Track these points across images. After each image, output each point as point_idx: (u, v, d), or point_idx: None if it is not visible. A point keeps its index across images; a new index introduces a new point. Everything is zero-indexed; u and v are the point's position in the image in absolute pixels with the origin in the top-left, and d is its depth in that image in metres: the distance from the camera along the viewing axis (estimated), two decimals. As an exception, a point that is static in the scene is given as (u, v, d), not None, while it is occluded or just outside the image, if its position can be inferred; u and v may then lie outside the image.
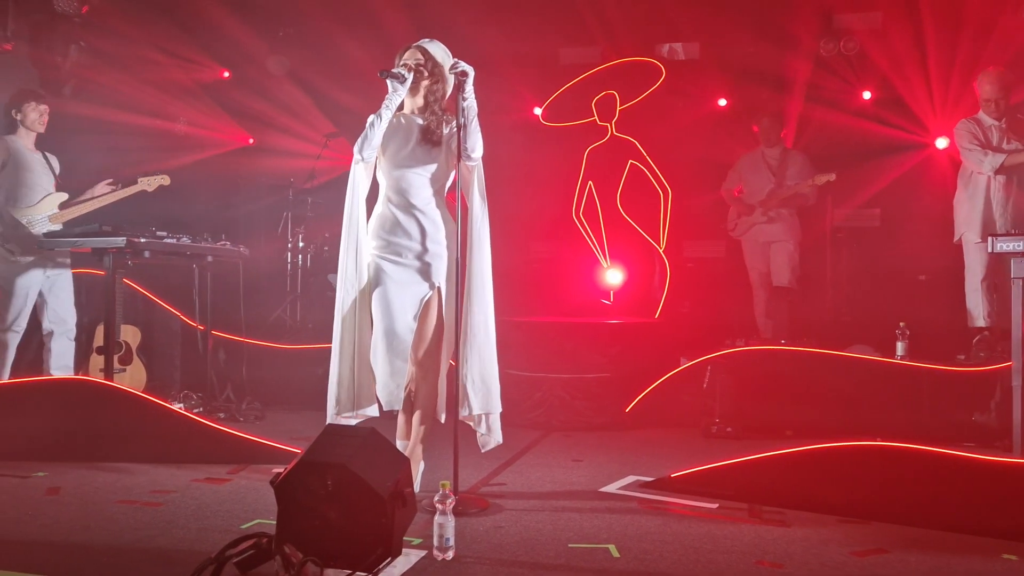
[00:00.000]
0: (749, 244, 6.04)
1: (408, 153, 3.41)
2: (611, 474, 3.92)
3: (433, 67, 3.42)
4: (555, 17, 6.52)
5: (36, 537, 2.87)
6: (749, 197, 6.02)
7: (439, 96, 3.46)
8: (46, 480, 3.67)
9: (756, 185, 5.98)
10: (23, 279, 4.87)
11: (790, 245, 5.88)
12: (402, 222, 3.40)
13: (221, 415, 5.13)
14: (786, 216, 5.90)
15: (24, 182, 4.91)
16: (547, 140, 6.81)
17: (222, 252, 5.23)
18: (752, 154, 6.09)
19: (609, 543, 2.88)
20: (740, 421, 4.82)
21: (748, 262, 6.07)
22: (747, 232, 6.02)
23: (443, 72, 3.43)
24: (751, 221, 5.97)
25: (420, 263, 3.40)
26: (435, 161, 3.43)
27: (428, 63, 3.41)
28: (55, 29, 5.93)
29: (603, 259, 6.52)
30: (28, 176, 4.92)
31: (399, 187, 3.41)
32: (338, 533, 2.52)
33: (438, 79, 3.44)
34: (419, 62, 3.40)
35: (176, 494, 3.46)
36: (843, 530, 3.08)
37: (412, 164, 3.41)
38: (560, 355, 5.34)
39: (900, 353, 4.84)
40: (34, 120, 4.95)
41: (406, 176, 3.41)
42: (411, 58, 3.41)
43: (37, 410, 4.07)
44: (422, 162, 3.41)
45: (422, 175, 3.42)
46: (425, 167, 3.42)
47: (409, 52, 3.43)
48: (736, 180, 6.14)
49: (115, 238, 4.54)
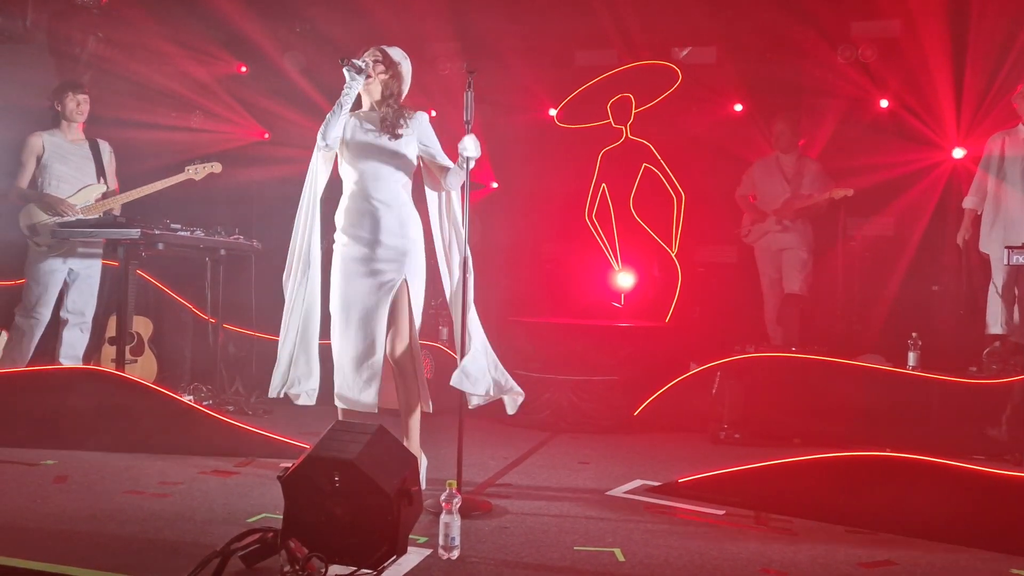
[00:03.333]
0: (762, 251, 6.02)
1: (370, 146, 3.48)
2: (618, 477, 3.91)
3: (389, 64, 3.53)
4: (572, 19, 6.50)
5: (43, 525, 2.88)
6: (762, 204, 5.99)
7: (395, 91, 3.54)
8: (55, 468, 3.69)
9: (770, 193, 5.94)
10: (44, 267, 4.89)
11: (803, 253, 5.85)
12: (366, 214, 3.46)
13: (230, 408, 5.16)
14: (799, 225, 5.87)
15: (57, 175, 4.94)
16: (562, 141, 6.80)
17: (235, 246, 5.25)
18: (766, 160, 6.05)
19: (615, 547, 2.88)
20: (748, 428, 4.80)
21: (760, 269, 6.05)
22: (760, 239, 5.99)
23: (399, 70, 3.55)
24: (764, 228, 5.94)
25: (386, 256, 3.44)
26: (398, 153, 3.49)
27: (386, 59, 3.52)
28: (73, 20, 5.95)
29: (615, 262, 6.51)
30: (62, 169, 4.96)
31: (363, 180, 3.48)
32: (344, 529, 2.52)
33: (394, 75, 3.54)
34: (376, 58, 3.51)
35: (183, 486, 3.47)
36: (850, 540, 3.06)
37: (375, 157, 3.48)
38: (569, 357, 5.33)
39: (911, 363, 4.81)
40: (72, 110, 4.99)
41: (370, 169, 3.47)
42: (369, 56, 3.52)
43: (48, 398, 4.10)
44: (385, 154, 3.48)
45: (386, 167, 3.48)
46: (388, 159, 3.48)
47: (368, 52, 3.54)
48: (750, 186, 6.10)
49: (129, 230, 4.57)
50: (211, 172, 5.22)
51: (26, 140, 4.93)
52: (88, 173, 5.06)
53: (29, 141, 4.93)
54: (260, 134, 7.32)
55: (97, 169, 5.08)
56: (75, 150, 5.04)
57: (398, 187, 3.49)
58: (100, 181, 5.07)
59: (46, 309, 4.96)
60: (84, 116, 5.06)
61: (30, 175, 4.92)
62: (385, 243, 3.44)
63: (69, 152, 5.01)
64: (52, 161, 4.94)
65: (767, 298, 6.00)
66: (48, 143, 4.96)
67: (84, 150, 5.07)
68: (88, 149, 5.08)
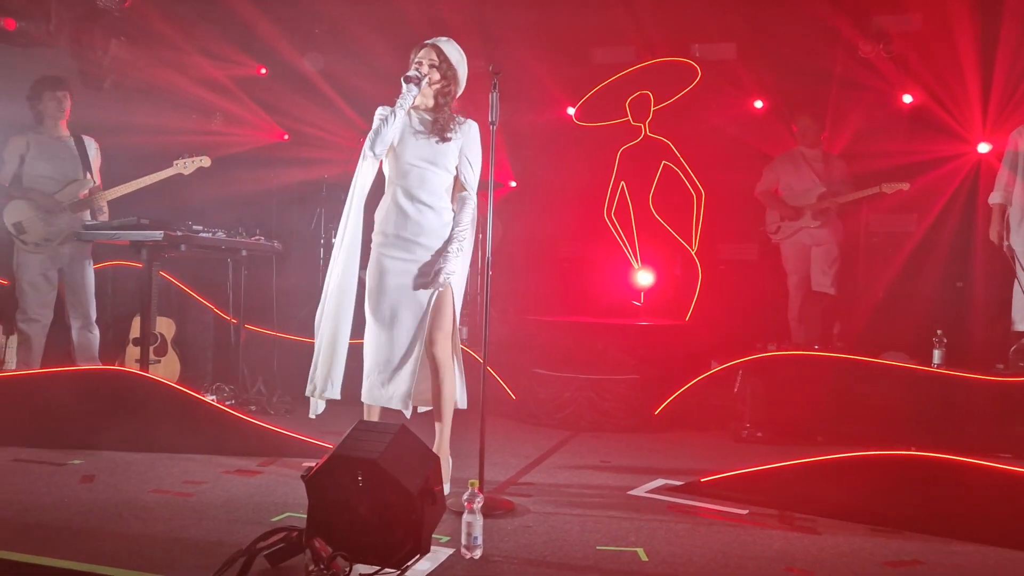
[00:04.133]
0: (792, 247, 5.87)
1: (420, 150, 3.44)
2: (639, 477, 3.90)
3: (447, 69, 3.45)
4: (589, 16, 6.50)
5: (71, 524, 2.92)
6: (792, 199, 5.85)
7: (450, 97, 3.48)
8: (81, 468, 3.73)
9: (799, 187, 5.81)
10: (31, 268, 4.89)
11: (834, 249, 5.75)
12: (411, 217, 3.42)
13: (252, 408, 5.19)
14: (832, 220, 5.76)
15: (42, 171, 4.91)
16: (580, 140, 6.79)
17: (256, 247, 5.28)
18: (790, 154, 5.94)
19: (637, 546, 2.87)
20: (771, 426, 4.77)
21: (788, 266, 5.91)
22: (792, 236, 5.86)
23: (456, 74, 3.47)
24: (798, 225, 5.81)
25: (429, 259, 3.42)
26: (445, 157, 3.45)
27: (443, 65, 3.44)
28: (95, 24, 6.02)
29: (634, 260, 6.49)
30: (46, 166, 4.92)
31: (409, 182, 3.44)
32: (368, 529, 2.53)
33: (451, 81, 3.47)
34: (433, 62, 3.43)
35: (207, 485, 3.50)
36: (875, 540, 3.04)
37: (423, 160, 3.43)
38: (589, 356, 5.32)
39: (936, 361, 4.75)
40: (53, 108, 4.94)
41: (417, 171, 3.43)
42: (425, 57, 3.44)
43: (74, 399, 4.13)
44: (433, 158, 3.44)
45: (433, 171, 3.44)
46: (436, 163, 3.44)
47: (424, 51, 3.45)
48: (773, 181, 5.97)
49: (152, 231, 4.60)
50: (200, 166, 5.13)
51: (8, 140, 4.91)
52: (73, 169, 5.00)
53: (11, 141, 4.90)
54: (279, 135, 7.37)
55: (83, 165, 5.03)
56: (59, 148, 5.00)
57: (441, 190, 3.48)
58: (86, 176, 5.03)
59: (45, 310, 4.95)
60: (64, 114, 4.99)
61: (12, 173, 4.89)
62: (428, 245, 3.42)
63: (54, 150, 4.98)
64: (36, 159, 4.91)
65: (793, 296, 5.89)
66: (32, 141, 4.92)
67: (69, 146, 5.02)
68: (73, 145, 5.03)
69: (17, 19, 5.45)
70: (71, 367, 4.62)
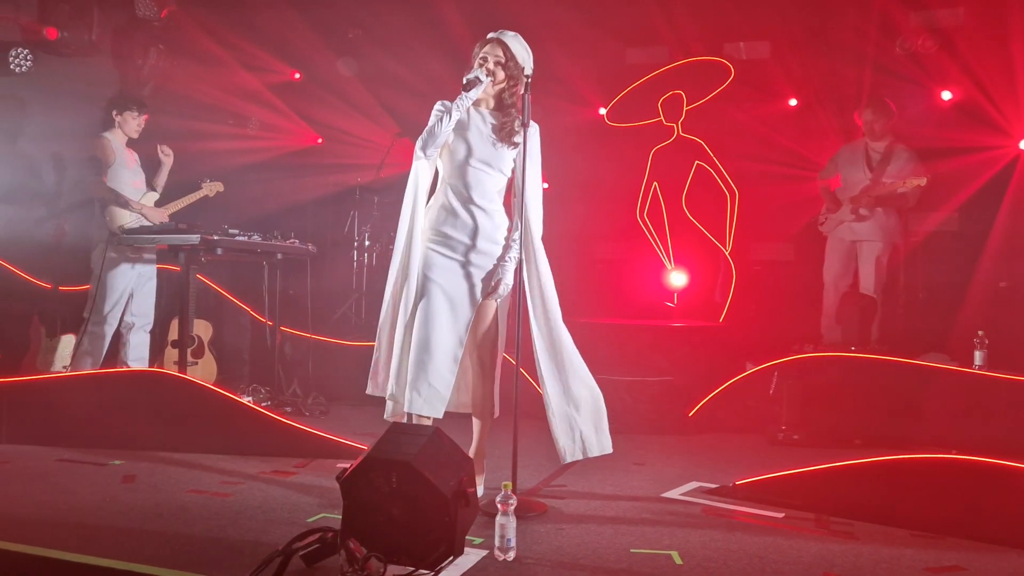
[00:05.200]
0: (833, 242, 5.74)
1: (478, 150, 3.33)
2: (674, 479, 3.88)
3: (514, 67, 3.32)
4: (622, 17, 6.47)
5: (113, 523, 2.97)
6: (842, 192, 5.72)
7: (515, 96, 3.35)
8: (122, 468, 3.81)
9: (850, 179, 5.66)
10: (119, 274, 5.06)
11: (878, 246, 5.55)
12: (462, 217, 3.33)
13: (288, 409, 5.25)
14: (880, 215, 5.54)
15: (126, 180, 5.13)
16: (612, 140, 6.76)
17: (291, 250, 5.35)
18: (853, 145, 5.77)
19: (672, 550, 2.85)
20: (807, 429, 4.70)
21: (827, 261, 5.77)
22: (835, 229, 5.72)
23: (522, 72, 3.32)
24: (839, 217, 5.66)
25: (477, 261, 3.34)
26: (503, 160, 3.36)
27: (509, 63, 3.31)
28: (136, 33, 6.15)
29: (667, 261, 6.45)
30: (127, 174, 5.15)
31: (464, 183, 3.33)
32: (402, 530, 2.54)
33: (517, 80, 3.34)
34: (499, 59, 3.30)
35: (244, 485, 3.55)
36: (915, 545, 2.98)
37: (481, 161, 3.33)
38: (623, 357, 5.30)
39: (978, 363, 4.65)
40: (132, 128, 5.17)
41: (472, 172, 3.33)
42: (491, 53, 3.31)
43: (115, 401, 4.22)
44: (491, 160, 3.33)
45: (489, 173, 3.35)
46: (493, 165, 3.34)
47: (489, 47, 3.32)
48: (833, 171, 5.83)
49: (190, 235, 4.68)
50: (218, 191, 5.45)
51: (97, 142, 5.09)
52: (141, 181, 5.24)
53: (101, 142, 5.09)
54: (314, 139, 7.45)
55: (148, 178, 5.27)
56: (130, 158, 5.23)
57: (494, 192, 3.39)
58: (154, 189, 5.26)
59: (119, 314, 5.14)
60: (137, 135, 5.22)
61: (108, 173, 5.07)
62: (481, 248, 3.33)
63: (128, 159, 5.20)
64: (120, 167, 5.12)
65: (827, 293, 5.74)
66: (115, 147, 5.12)
67: (135, 158, 5.27)
68: (138, 159, 5.28)
69: (60, 29, 5.59)
70: (111, 369, 4.71)
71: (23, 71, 5.34)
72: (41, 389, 4.42)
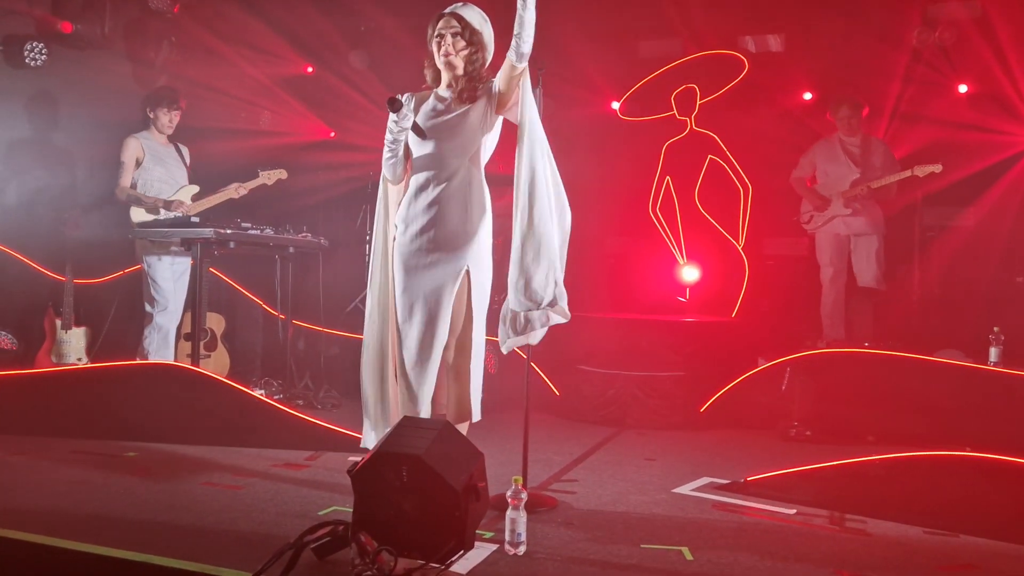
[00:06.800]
0: (826, 237, 5.72)
1: (434, 128, 3.14)
2: (685, 475, 3.86)
3: (471, 34, 3.13)
4: (635, 9, 6.43)
5: (127, 515, 2.99)
6: (825, 188, 5.71)
7: (479, 65, 3.16)
8: (136, 460, 3.83)
9: (835, 175, 5.66)
10: (161, 265, 5.07)
11: (875, 240, 5.59)
12: (427, 201, 3.13)
13: (299, 402, 5.27)
14: (871, 208, 5.59)
15: (158, 177, 5.15)
16: (625, 134, 6.73)
17: (303, 243, 5.36)
18: (829, 141, 5.77)
19: (682, 545, 2.84)
20: (819, 425, 4.68)
21: (821, 258, 5.76)
22: (825, 225, 5.72)
23: (482, 38, 3.16)
24: (831, 213, 5.66)
25: (448, 245, 3.12)
26: (465, 124, 3.12)
27: (466, 31, 3.12)
28: (148, 26, 6.16)
29: (680, 256, 6.42)
30: (161, 171, 5.17)
31: (424, 165, 3.16)
32: (412, 524, 2.55)
33: (478, 47, 3.15)
34: (455, 30, 3.12)
35: (256, 478, 3.56)
36: (929, 543, 2.96)
37: (440, 137, 3.13)
38: (634, 352, 5.29)
39: (993, 359, 4.61)
40: (164, 124, 5.20)
41: (432, 151, 3.14)
42: (446, 27, 3.13)
43: (129, 393, 4.25)
44: (451, 131, 3.12)
45: (450, 144, 3.12)
46: (454, 135, 3.12)
47: (443, 21, 3.14)
48: (808, 168, 5.82)
49: (203, 229, 4.70)
50: (279, 178, 5.48)
51: (125, 142, 5.11)
52: (180, 175, 5.28)
53: (128, 143, 5.11)
54: (326, 133, 7.45)
55: (187, 170, 5.31)
56: (168, 153, 5.26)
57: (459, 162, 3.13)
58: (190, 182, 5.28)
59: (177, 303, 5.14)
60: (172, 128, 5.26)
61: (131, 175, 5.10)
62: (447, 229, 3.10)
63: (164, 155, 5.22)
64: (151, 164, 5.14)
65: (826, 290, 5.71)
66: (146, 146, 5.15)
67: (173, 153, 5.29)
68: (175, 152, 5.30)
69: (73, 23, 5.61)
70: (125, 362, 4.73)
71: (38, 65, 5.37)
72: (55, 381, 4.46)
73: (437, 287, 3.12)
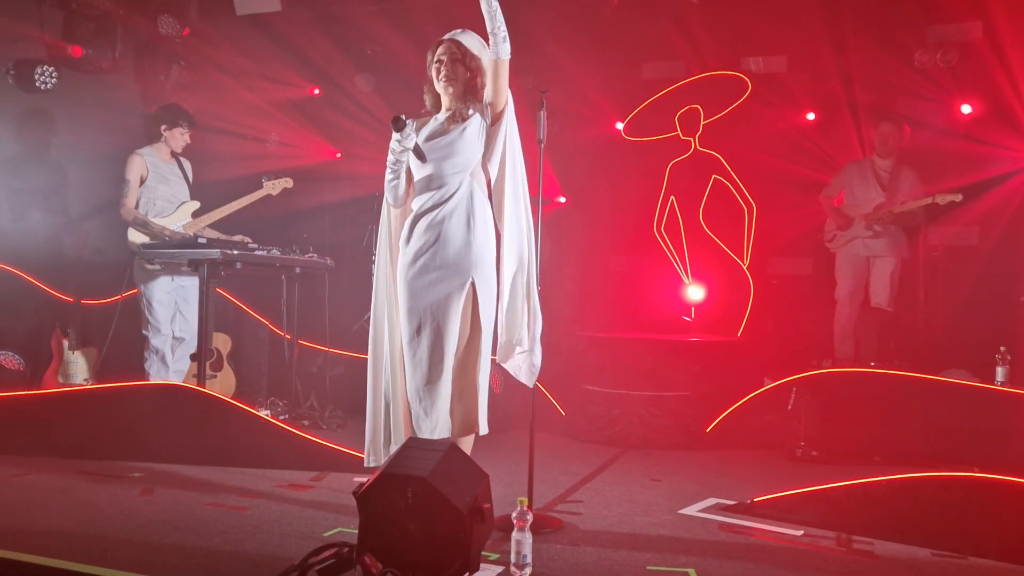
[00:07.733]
0: (846, 258, 5.73)
1: (433, 146, 3.20)
2: (691, 495, 3.85)
3: (470, 60, 3.21)
4: (639, 31, 6.49)
5: (132, 537, 2.99)
6: (851, 209, 5.72)
7: (479, 87, 3.23)
8: (141, 481, 3.84)
9: (862, 196, 5.67)
10: (160, 287, 5.07)
11: (892, 262, 5.59)
12: (429, 221, 3.17)
13: (305, 422, 5.27)
14: (893, 232, 5.59)
15: (161, 195, 5.15)
16: (629, 154, 6.76)
17: (309, 264, 5.38)
18: (861, 163, 5.79)
19: (689, 567, 2.83)
20: (826, 445, 4.66)
21: (839, 277, 5.77)
22: (846, 245, 5.73)
23: (480, 64, 3.21)
24: (852, 234, 5.67)
25: (451, 262, 3.14)
26: (463, 141, 3.18)
27: (465, 57, 3.20)
28: (157, 50, 6.24)
29: (685, 275, 6.43)
30: (164, 188, 5.17)
31: (424, 184, 3.22)
32: (417, 545, 2.54)
33: (475, 72, 3.22)
34: (455, 56, 3.20)
35: (261, 499, 3.56)
36: (938, 565, 2.94)
37: (438, 156, 3.18)
38: (640, 372, 5.28)
39: (1000, 379, 4.60)
40: (178, 143, 5.21)
41: (430, 171, 3.20)
42: (445, 53, 3.21)
43: (134, 414, 4.26)
44: (449, 146, 3.18)
45: (449, 163, 3.18)
46: (452, 151, 3.17)
47: (442, 47, 3.23)
48: (838, 188, 5.85)
49: (210, 250, 4.72)
50: (284, 187, 5.44)
51: (129, 160, 5.10)
52: (182, 191, 5.27)
53: (133, 161, 5.09)
54: (332, 154, 7.50)
55: (188, 186, 5.31)
56: (171, 169, 5.25)
57: (459, 180, 3.18)
58: (192, 199, 5.29)
59: (173, 326, 5.15)
60: (182, 149, 5.27)
61: (136, 194, 5.08)
62: (451, 247, 3.14)
63: (166, 172, 5.22)
64: (155, 182, 5.14)
65: (841, 309, 5.73)
66: (150, 164, 5.15)
67: (175, 168, 5.29)
68: (178, 167, 5.30)
69: (84, 47, 5.67)
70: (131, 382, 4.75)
71: (48, 88, 5.42)
72: (62, 402, 4.47)
73: (443, 301, 3.13)
